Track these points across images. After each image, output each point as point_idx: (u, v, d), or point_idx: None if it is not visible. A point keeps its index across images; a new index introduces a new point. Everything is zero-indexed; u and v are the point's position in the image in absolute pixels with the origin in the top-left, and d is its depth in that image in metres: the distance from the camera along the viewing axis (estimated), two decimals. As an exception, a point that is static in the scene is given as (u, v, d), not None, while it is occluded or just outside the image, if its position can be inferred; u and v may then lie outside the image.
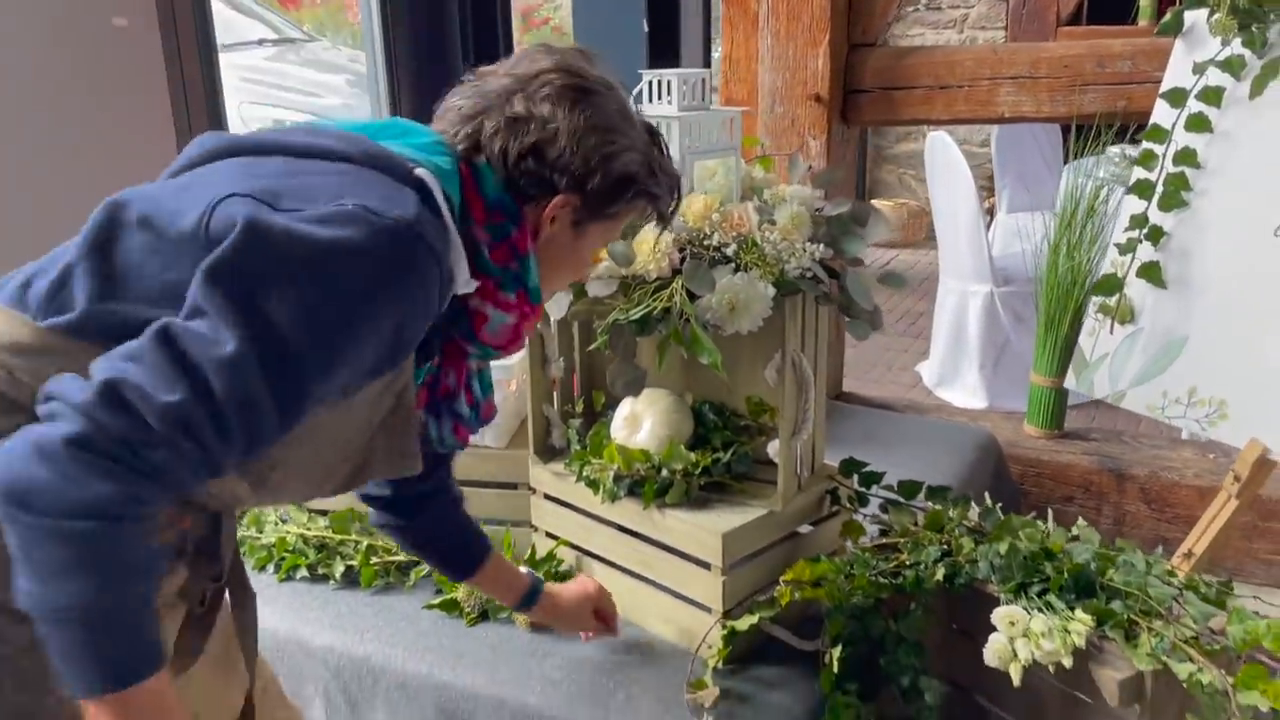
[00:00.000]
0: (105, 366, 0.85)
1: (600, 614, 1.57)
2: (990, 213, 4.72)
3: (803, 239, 1.51)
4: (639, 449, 1.63)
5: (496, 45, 3.19)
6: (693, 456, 1.62)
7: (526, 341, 1.25)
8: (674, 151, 1.59)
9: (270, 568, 1.88)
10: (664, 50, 2.71)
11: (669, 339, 1.45)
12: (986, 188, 5.09)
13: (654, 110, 1.60)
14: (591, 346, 1.50)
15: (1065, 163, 2.90)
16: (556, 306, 1.49)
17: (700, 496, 1.62)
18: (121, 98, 2.17)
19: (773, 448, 1.63)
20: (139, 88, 2.20)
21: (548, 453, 1.80)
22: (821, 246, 1.50)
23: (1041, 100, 2.44)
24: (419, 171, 1.00)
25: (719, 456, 1.64)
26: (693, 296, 1.45)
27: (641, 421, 1.67)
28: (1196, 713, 1.29)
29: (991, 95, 2.49)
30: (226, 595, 1.15)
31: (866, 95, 2.65)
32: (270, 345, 0.86)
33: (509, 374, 1.84)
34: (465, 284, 1.06)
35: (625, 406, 1.69)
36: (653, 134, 1.18)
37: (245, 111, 6.02)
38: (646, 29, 2.67)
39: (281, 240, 0.87)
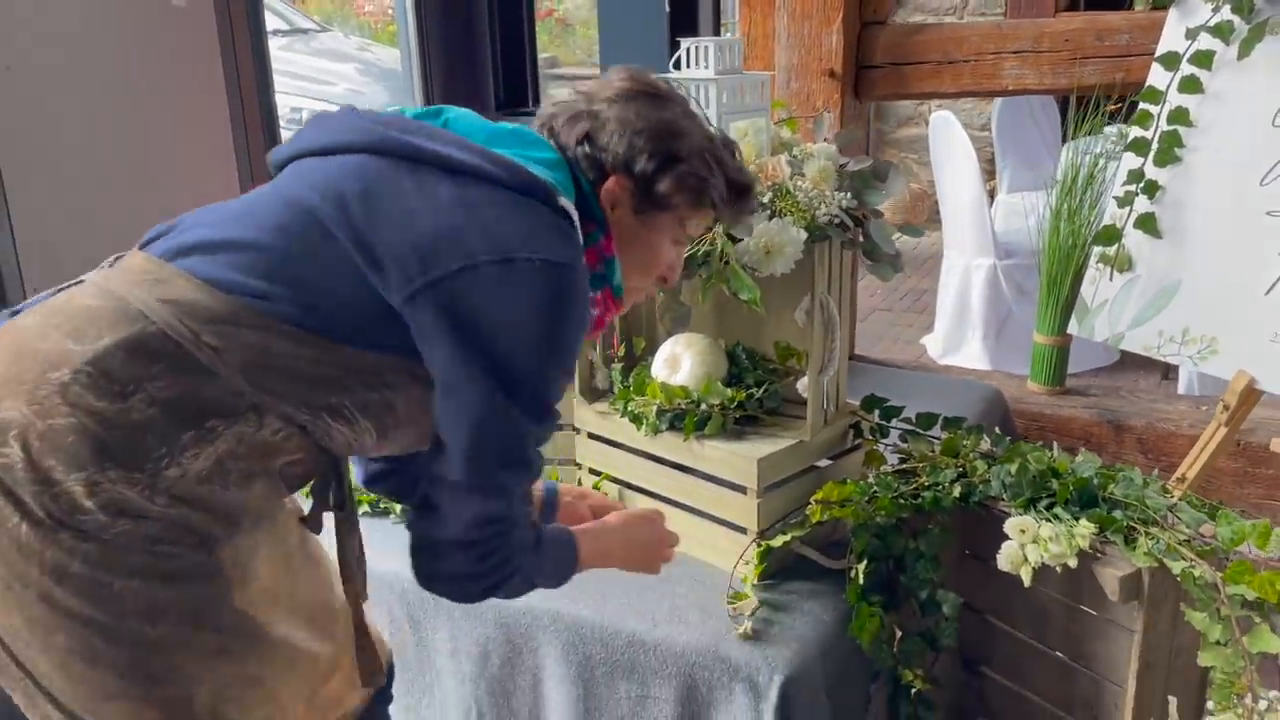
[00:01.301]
0: (456, 507, 1.14)
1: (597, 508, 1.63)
2: (992, 194, 4.88)
3: (830, 189, 1.66)
4: (679, 386, 1.78)
5: (521, 42, 3.34)
6: (729, 392, 1.77)
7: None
8: (710, 112, 1.74)
9: (333, 505, 2.02)
10: (683, 28, 2.86)
11: (712, 278, 1.59)
12: (987, 170, 5.23)
13: (692, 74, 1.75)
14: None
15: (1064, 143, 3.04)
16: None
17: (735, 429, 1.77)
18: (178, 78, 2.31)
19: (801, 384, 1.78)
20: (195, 69, 2.34)
21: (592, 394, 1.94)
22: (848, 195, 1.65)
23: (1044, 73, 2.59)
24: (564, 203, 1.13)
25: (752, 392, 1.79)
26: (732, 240, 1.60)
27: (681, 362, 1.82)
28: (1190, 604, 1.44)
29: (996, 69, 2.64)
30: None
31: (878, 70, 2.79)
32: (524, 394, 1.10)
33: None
34: None
35: (666, 348, 1.84)
36: (725, 142, 1.30)
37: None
38: (668, 9, 2.82)
39: (505, 327, 1.07)
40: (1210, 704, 1.32)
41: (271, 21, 7.34)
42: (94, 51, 2.14)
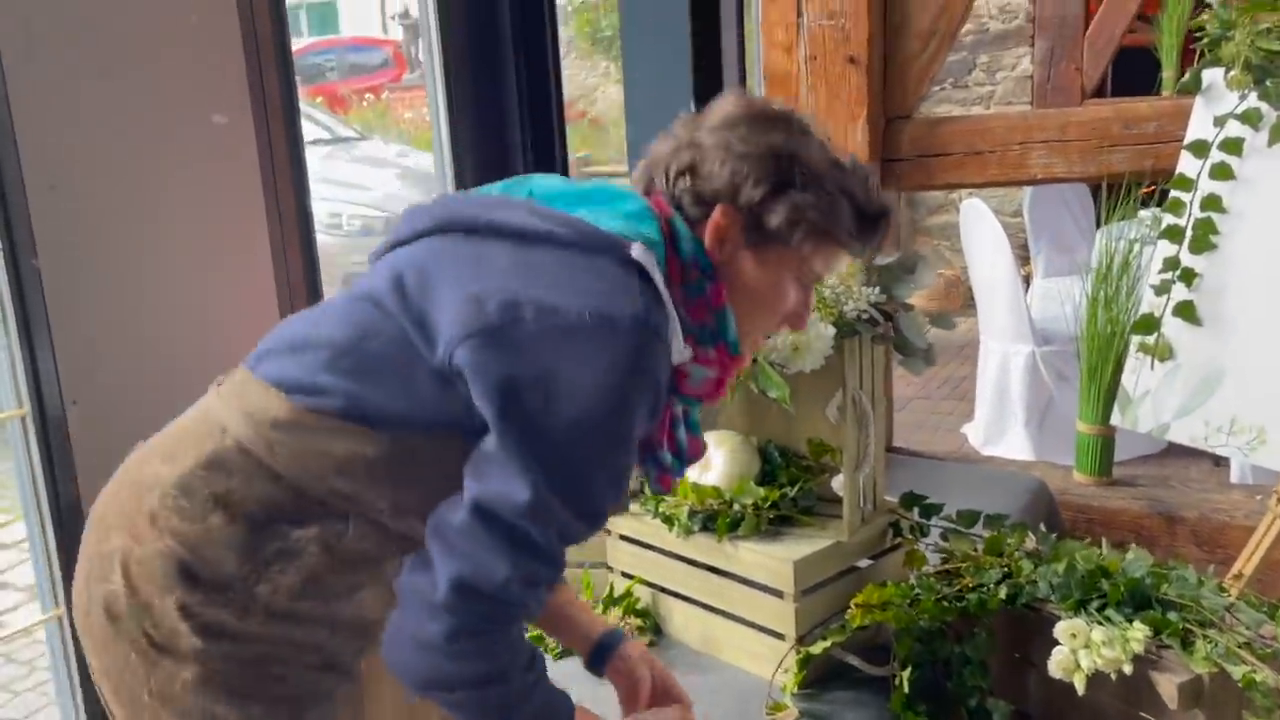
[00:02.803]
0: (444, 562, 0.98)
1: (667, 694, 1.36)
2: (1027, 279, 4.85)
3: (858, 285, 1.65)
4: (711, 486, 1.75)
5: (552, 144, 3.40)
6: (762, 491, 1.73)
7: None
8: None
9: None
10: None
11: (740, 375, 1.58)
12: (1022, 255, 5.22)
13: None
14: (669, 387, 1.62)
15: (1098, 227, 3.03)
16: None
17: (770, 530, 1.73)
18: (219, 190, 2.37)
19: (837, 482, 1.74)
20: (234, 180, 2.40)
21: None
22: (876, 290, 1.63)
23: (1072, 161, 2.58)
24: (635, 253, 1.03)
25: (786, 491, 1.75)
26: (760, 338, 1.59)
27: (712, 461, 1.79)
28: (1254, 712, 1.36)
29: (1023, 159, 2.64)
30: None
31: (905, 163, 2.81)
32: (559, 478, 0.98)
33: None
34: (680, 353, 1.08)
35: (696, 447, 1.82)
36: (855, 168, 1.14)
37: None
38: (693, 107, 2.86)
39: (550, 383, 0.97)
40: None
41: (314, 131, 7.63)
42: (137, 169, 2.20)
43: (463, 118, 3.17)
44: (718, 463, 1.78)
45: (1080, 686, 1.44)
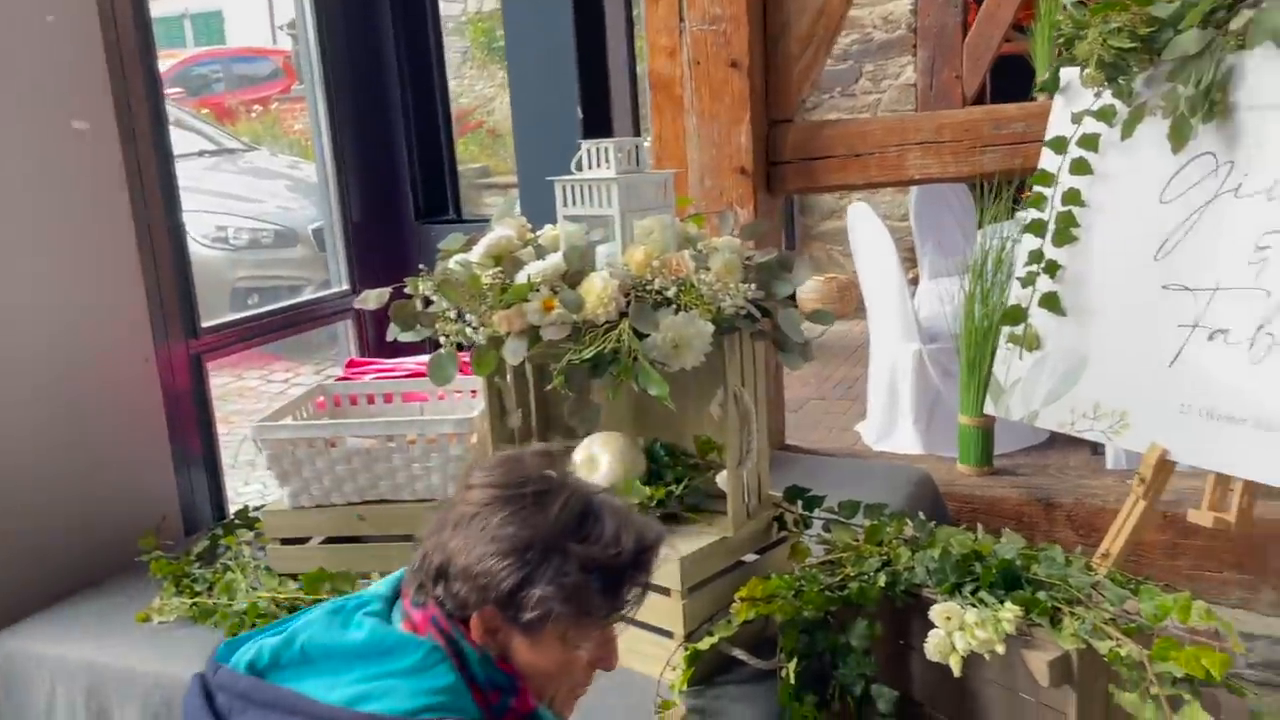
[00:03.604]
0: None
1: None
2: (915, 281, 4.98)
3: (736, 281, 1.66)
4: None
5: (439, 152, 3.37)
6: (648, 490, 1.73)
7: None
8: (613, 210, 1.74)
9: (244, 633, 1.92)
10: (598, 132, 2.90)
11: (620, 375, 1.57)
12: (909, 258, 5.36)
13: (593, 174, 1.76)
14: (549, 386, 1.61)
15: (980, 228, 3.13)
16: (514, 353, 1.61)
17: (656, 529, 1.73)
18: (82, 202, 2.27)
19: (721, 478, 1.75)
20: (98, 191, 2.30)
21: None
22: (753, 286, 1.65)
23: (946, 162, 2.66)
24: None
25: (672, 490, 1.76)
26: (639, 336, 1.59)
27: (599, 462, 1.78)
28: (1120, 685, 1.41)
29: (901, 160, 2.71)
30: None
31: (788, 166, 2.85)
32: None
33: (467, 427, 1.95)
34: None
35: (582, 449, 1.80)
36: (584, 518, 1.11)
37: (193, 219, 6.14)
38: (581, 115, 2.86)
39: None
40: (1148, 788, 1.28)
41: (197, 142, 7.39)
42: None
43: (345, 128, 3.11)
44: (604, 464, 1.77)
45: (956, 668, 1.47)
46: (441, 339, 1.66)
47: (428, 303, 1.70)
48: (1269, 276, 1.65)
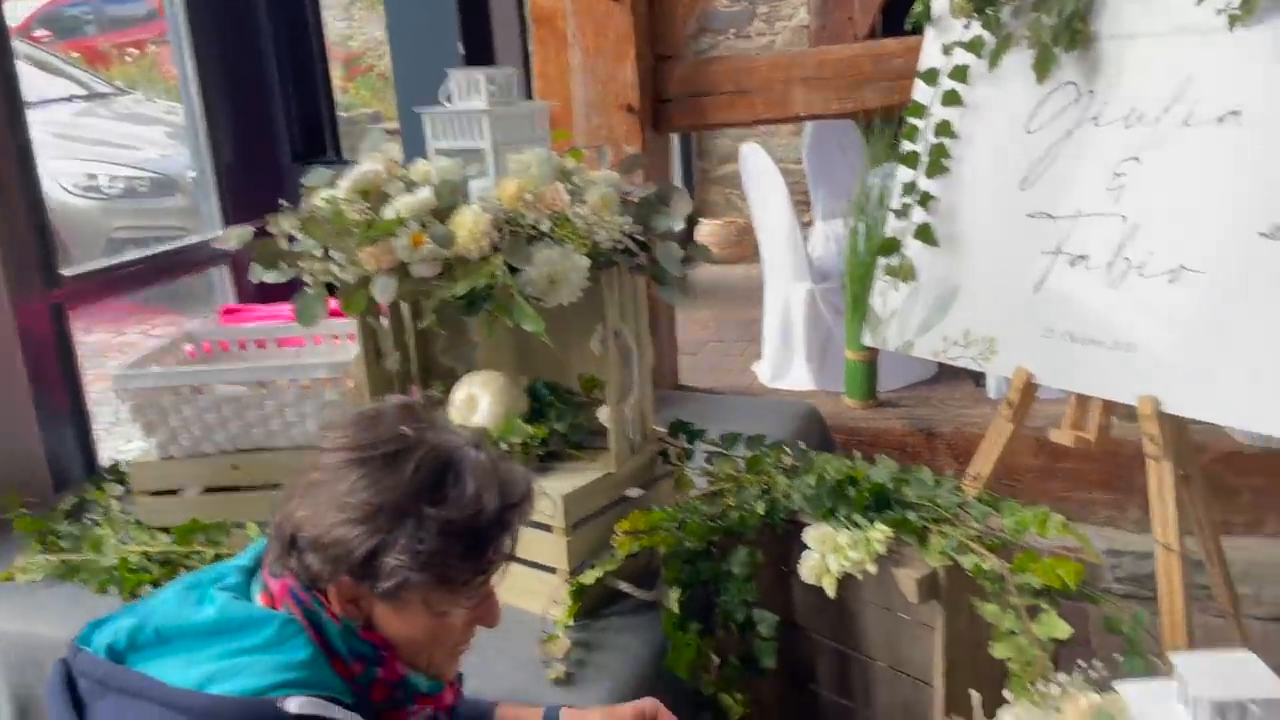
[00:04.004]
0: None
1: None
2: (810, 224, 5.03)
3: (611, 215, 1.64)
4: (478, 427, 1.72)
5: (315, 92, 3.24)
6: (530, 429, 1.72)
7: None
8: (485, 143, 1.70)
9: (113, 588, 1.86)
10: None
11: (495, 311, 1.55)
12: (803, 200, 5.40)
13: (464, 105, 1.71)
14: (423, 324, 1.58)
15: (871, 169, 3.16)
16: (383, 291, 1.57)
17: (540, 466, 1.72)
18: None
19: (603, 413, 1.75)
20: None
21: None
22: (630, 220, 1.63)
23: (830, 98, 2.67)
24: (294, 708, 0.98)
25: (555, 428, 1.75)
26: (513, 271, 1.56)
27: (478, 402, 1.76)
28: (984, 598, 1.46)
29: (786, 96, 2.71)
30: None
31: (675, 103, 2.83)
32: None
33: (342, 370, 1.90)
34: None
35: (461, 389, 1.78)
36: (441, 478, 1.06)
37: (60, 167, 5.84)
38: (462, 51, 2.79)
39: None
40: (1008, 694, 1.34)
41: (66, 87, 7.00)
42: None
43: (212, 65, 2.97)
44: (484, 403, 1.75)
45: (830, 589, 1.51)
46: (307, 278, 1.61)
47: (293, 241, 1.64)
48: (1126, 202, 1.70)
